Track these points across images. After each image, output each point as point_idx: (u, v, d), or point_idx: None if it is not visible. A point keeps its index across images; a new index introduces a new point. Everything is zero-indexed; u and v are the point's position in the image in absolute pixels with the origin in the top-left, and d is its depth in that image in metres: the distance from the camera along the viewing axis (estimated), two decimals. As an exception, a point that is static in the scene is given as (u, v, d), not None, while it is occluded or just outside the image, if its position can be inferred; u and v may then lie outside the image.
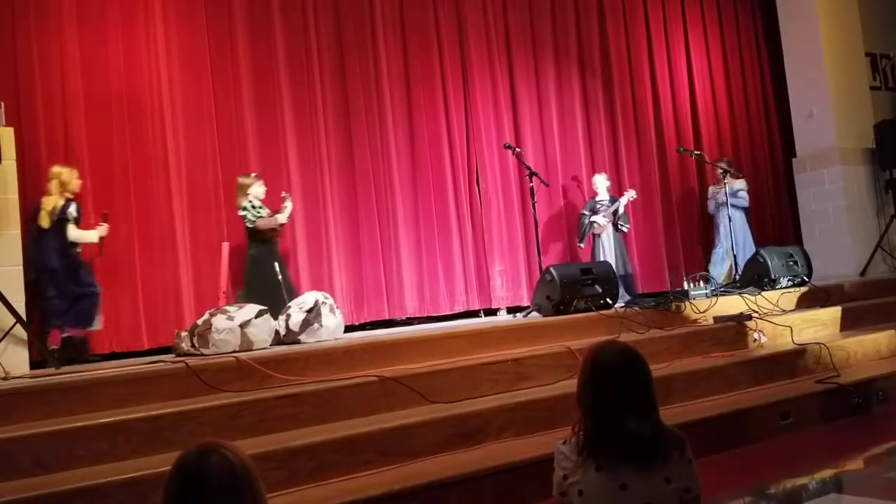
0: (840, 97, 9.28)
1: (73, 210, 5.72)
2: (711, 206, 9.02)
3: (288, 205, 6.54)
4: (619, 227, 8.19)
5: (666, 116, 9.54)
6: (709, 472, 2.84)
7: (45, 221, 5.63)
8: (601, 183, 8.26)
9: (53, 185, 5.72)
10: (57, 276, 5.63)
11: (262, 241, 6.36)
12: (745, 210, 8.87)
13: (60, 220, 5.66)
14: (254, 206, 6.33)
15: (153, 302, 6.28)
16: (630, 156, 9.13)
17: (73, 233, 5.72)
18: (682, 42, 9.90)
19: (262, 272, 6.28)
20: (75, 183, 5.82)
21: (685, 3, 9.98)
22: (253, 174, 6.56)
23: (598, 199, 8.23)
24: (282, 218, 6.45)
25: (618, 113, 9.14)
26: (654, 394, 2.20)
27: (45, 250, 5.61)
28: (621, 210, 8.12)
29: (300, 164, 7.07)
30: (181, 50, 6.66)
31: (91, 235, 5.84)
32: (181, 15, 6.70)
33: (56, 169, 5.76)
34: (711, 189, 9.08)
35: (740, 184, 8.80)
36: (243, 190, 6.38)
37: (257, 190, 6.43)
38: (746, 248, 8.48)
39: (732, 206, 8.46)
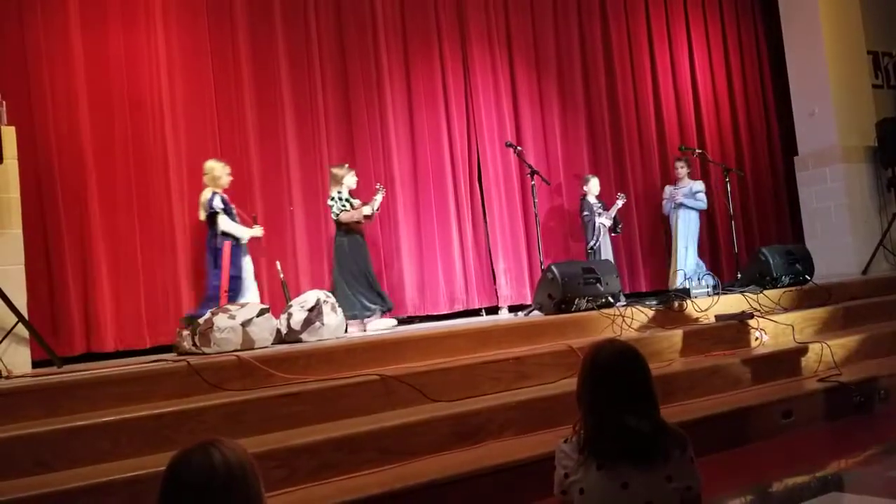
0: (842, 95, 9.28)
1: (217, 203, 6.10)
2: (668, 206, 8.69)
3: (378, 196, 6.72)
4: (617, 230, 8.21)
5: (668, 114, 9.54)
6: (710, 470, 2.84)
7: (201, 214, 6.16)
8: (596, 185, 8.27)
9: (207, 179, 6.19)
10: (212, 263, 6.10)
11: (345, 232, 6.61)
12: (700, 213, 8.70)
13: (211, 213, 6.09)
14: (340, 198, 6.52)
15: (155, 300, 6.28)
16: (633, 154, 9.13)
17: (223, 224, 6.11)
18: (685, 39, 9.90)
19: (344, 261, 6.58)
20: (226, 178, 6.24)
21: (687, 0, 9.97)
22: (346, 164, 6.78)
23: (591, 201, 8.23)
24: (367, 210, 6.62)
25: (620, 111, 9.14)
26: (655, 392, 2.21)
27: (206, 240, 6.17)
28: (614, 213, 8.16)
29: (301, 162, 7.07)
30: (183, 50, 6.65)
31: (241, 231, 6.20)
32: (182, 15, 6.69)
33: (209, 164, 6.22)
34: (669, 189, 8.75)
35: (699, 185, 8.61)
36: (337, 180, 6.62)
37: (350, 181, 6.65)
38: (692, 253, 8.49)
39: (690, 207, 8.40)
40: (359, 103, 7.51)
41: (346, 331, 5.85)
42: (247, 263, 6.28)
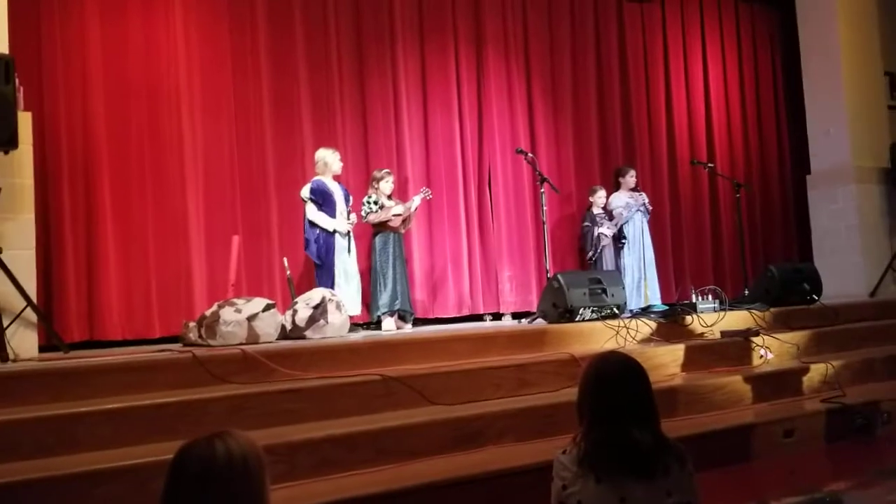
0: (857, 115, 9.24)
1: (305, 192, 6.39)
2: (627, 214, 8.14)
3: (416, 197, 6.94)
4: (622, 242, 8.18)
5: (679, 127, 9.55)
6: (710, 486, 2.84)
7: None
8: (601, 197, 8.24)
9: (318, 168, 6.51)
10: (308, 248, 6.41)
11: (376, 233, 6.84)
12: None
13: (303, 198, 6.40)
14: (368, 202, 6.71)
15: (165, 291, 6.31)
16: (643, 165, 9.10)
17: (309, 213, 6.39)
18: (700, 54, 9.91)
19: (373, 259, 6.82)
20: (337, 165, 6.54)
21: (704, 14, 9.98)
22: (385, 169, 6.93)
23: (595, 212, 8.21)
24: (398, 209, 6.78)
25: (633, 122, 9.15)
26: (655, 405, 2.21)
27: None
28: (620, 224, 8.14)
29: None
30: (201, 39, 6.69)
31: (325, 221, 6.36)
32: (202, 5, 6.72)
33: (319, 153, 6.54)
34: (624, 196, 8.24)
35: (645, 195, 8.36)
36: (374, 184, 6.82)
37: (385, 186, 6.81)
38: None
39: (645, 221, 8.26)
40: (374, 103, 7.55)
41: (349, 329, 5.88)
42: (343, 259, 6.41)
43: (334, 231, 6.37)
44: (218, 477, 1.63)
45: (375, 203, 6.69)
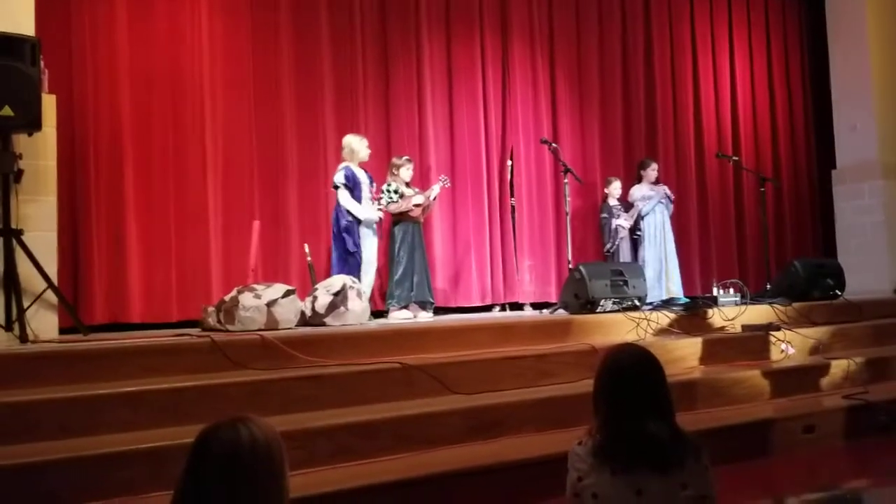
0: (885, 110, 9.13)
1: (339, 177, 6.30)
2: (650, 206, 8.04)
3: (435, 186, 6.86)
4: (636, 233, 8.12)
5: (707, 120, 9.46)
6: (727, 480, 2.82)
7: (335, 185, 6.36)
8: (617, 188, 8.18)
9: (345, 154, 6.44)
10: (335, 235, 6.34)
11: (395, 222, 6.75)
12: None
13: (336, 185, 6.31)
14: (389, 190, 6.64)
15: (184, 275, 6.34)
16: (667, 158, 9.03)
17: (341, 199, 6.31)
18: (727, 46, 9.80)
19: (392, 249, 6.75)
20: (364, 152, 6.45)
21: (732, 7, 9.87)
22: (405, 157, 6.87)
23: (611, 203, 8.14)
24: (418, 199, 6.73)
25: (657, 113, 9.07)
26: (670, 398, 2.20)
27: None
28: (636, 216, 8.08)
29: (338, 146, 7.05)
30: (224, 26, 6.69)
31: (356, 208, 6.31)
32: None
33: (346, 139, 6.47)
34: (646, 190, 8.13)
35: (666, 188, 8.27)
36: (393, 170, 6.76)
37: (405, 173, 6.76)
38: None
39: (667, 214, 8.17)
40: (398, 91, 7.52)
41: (372, 317, 5.88)
42: (369, 244, 6.40)
43: (358, 218, 6.35)
44: (243, 460, 1.64)
45: (396, 192, 6.65)
